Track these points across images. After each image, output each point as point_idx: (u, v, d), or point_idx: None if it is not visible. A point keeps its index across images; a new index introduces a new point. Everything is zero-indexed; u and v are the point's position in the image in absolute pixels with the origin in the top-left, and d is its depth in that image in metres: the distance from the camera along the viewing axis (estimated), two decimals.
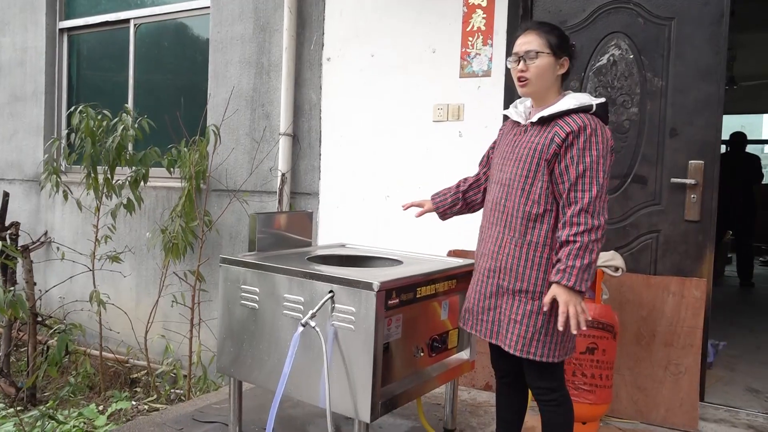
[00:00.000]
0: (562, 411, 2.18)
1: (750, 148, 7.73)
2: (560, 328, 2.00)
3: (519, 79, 2.17)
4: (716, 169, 3.20)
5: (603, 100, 2.16)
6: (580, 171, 2.01)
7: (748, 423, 3.09)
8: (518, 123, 2.26)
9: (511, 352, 2.12)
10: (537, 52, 2.12)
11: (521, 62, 2.15)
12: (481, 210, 2.41)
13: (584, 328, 2.00)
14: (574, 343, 2.19)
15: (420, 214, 2.62)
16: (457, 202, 2.51)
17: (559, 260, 2.01)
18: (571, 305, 1.97)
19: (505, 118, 2.41)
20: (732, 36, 6.96)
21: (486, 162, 2.48)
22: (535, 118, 2.15)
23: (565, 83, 3.06)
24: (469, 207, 2.53)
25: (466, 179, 2.54)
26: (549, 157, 2.07)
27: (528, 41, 2.15)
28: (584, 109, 2.09)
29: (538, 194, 2.10)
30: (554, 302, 2.02)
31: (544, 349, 2.09)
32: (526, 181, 2.12)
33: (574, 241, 1.98)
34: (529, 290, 2.10)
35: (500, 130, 2.40)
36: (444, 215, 2.57)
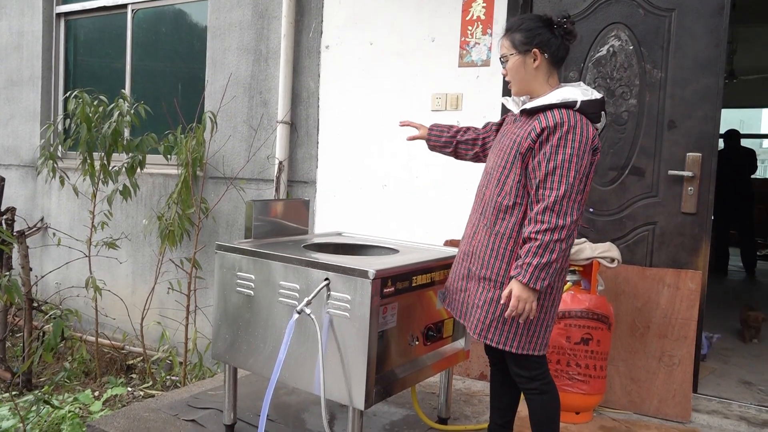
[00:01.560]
0: (544, 400, 2.20)
1: (748, 142, 7.77)
2: (506, 317, 2.06)
3: (508, 83, 2.25)
4: (714, 161, 3.20)
5: (595, 96, 2.09)
6: (551, 168, 1.99)
7: (740, 414, 3.10)
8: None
9: (471, 334, 2.21)
10: (506, 56, 2.19)
11: (503, 67, 2.23)
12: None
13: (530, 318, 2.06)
14: (544, 339, 2.16)
15: (410, 138, 2.67)
16: (448, 145, 2.57)
17: (519, 256, 2.03)
18: (521, 302, 2.01)
19: (504, 106, 2.42)
20: (732, 29, 6.94)
21: (488, 130, 2.51)
22: (518, 111, 2.19)
23: (565, 75, 3.05)
24: (456, 155, 2.58)
25: (468, 129, 2.55)
26: (523, 151, 2.07)
27: (501, 47, 2.22)
28: (567, 105, 2.04)
29: (510, 186, 2.11)
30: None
31: (501, 336, 2.13)
32: (503, 171, 2.14)
33: (535, 239, 1.98)
34: (492, 278, 2.14)
35: (505, 117, 2.39)
36: (432, 148, 2.62)
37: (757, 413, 3.13)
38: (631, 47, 3.35)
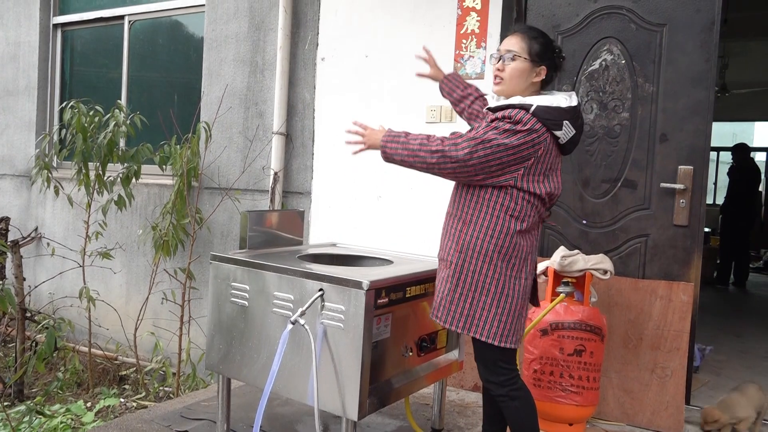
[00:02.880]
0: (516, 406, 2.22)
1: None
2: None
3: (495, 77, 2.26)
4: (705, 174, 3.23)
5: (564, 104, 2.15)
6: (476, 133, 2.12)
7: None
8: None
9: (431, 316, 2.29)
10: (515, 55, 2.20)
11: (500, 61, 2.24)
12: None
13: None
14: (493, 327, 2.16)
15: (420, 74, 2.75)
16: (456, 103, 2.63)
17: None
18: (365, 138, 2.36)
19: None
20: (724, 44, 7.03)
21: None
22: (485, 108, 2.31)
23: (558, 88, 3.07)
24: (465, 114, 2.61)
25: (476, 99, 2.58)
26: None
27: (511, 43, 2.23)
28: (523, 107, 2.12)
29: None
30: (462, 272, 2.17)
31: (447, 316, 2.21)
32: None
33: (429, 137, 2.18)
34: (444, 258, 2.25)
35: None
36: (442, 92, 2.69)
37: None
38: (624, 61, 3.39)
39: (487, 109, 2.28)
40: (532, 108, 2.10)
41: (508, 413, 2.25)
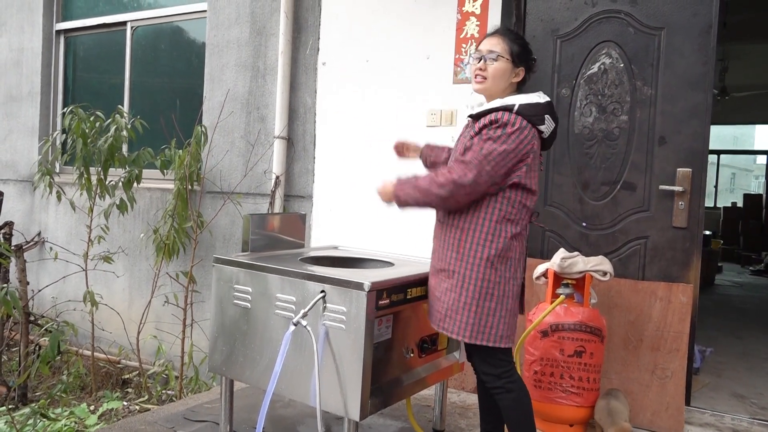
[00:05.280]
0: (511, 398, 2.25)
1: (742, 158, 7.88)
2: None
3: (476, 76, 2.31)
4: (704, 176, 3.25)
5: (542, 100, 2.24)
6: (475, 152, 2.15)
7: (732, 427, 3.13)
8: None
9: (434, 326, 2.30)
10: (498, 55, 2.26)
11: (482, 61, 2.29)
12: None
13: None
14: (499, 330, 2.21)
15: (400, 153, 2.78)
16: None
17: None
18: (382, 194, 2.30)
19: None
20: (724, 47, 7.05)
21: None
22: (467, 114, 2.34)
23: (557, 91, 3.12)
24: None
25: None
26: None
27: (493, 43, 2.29)
28: (506, 108, 2.19)
29: None
30: (466, 280, 2.20)
31: (454, 326, 2.22)
32: None
33: (436, 175, 2.19)
34: (445, 269, 2.26)
35: None
36: (426, 161, 2.72)
37: (749, 426, 3.16)
38: (622, 65, 3.42)
39: (469, 116, 2.33)
40: (516, 107, 2.18)
41: (504, 406, 2.27)
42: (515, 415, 2.27)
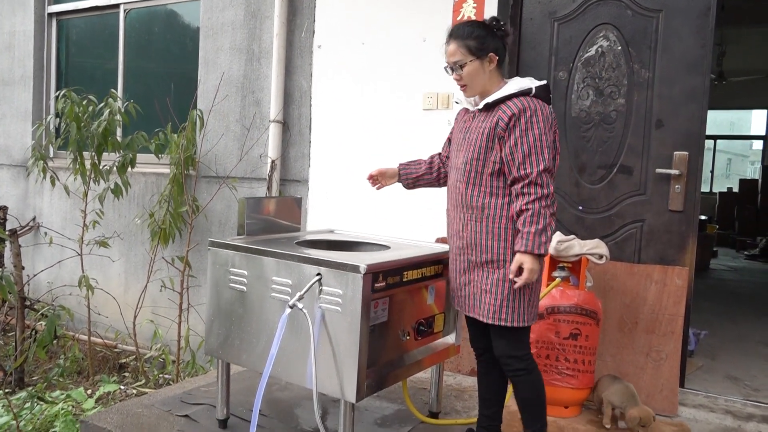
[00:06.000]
0: (532, 378, 2.30)
1: (738, 144, 7.87)
2: (515, 287, 2.20)
3: (459, 86, 2.35)
4: (700, 160, 3.25)
5: (543, 82, 2.28)
6: (526, 150, 2.16)
7: (726, 408, 3.15)
8: (469, 110, 2.42)
9: (484, 320, 2.28)
10: (461, 63, 2.28)
11: (453, 72, 2.32)
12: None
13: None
14: (535, 307, 2.32)
15: (375, 180, 2.74)
16: (427, 172, 2.67)
17: (518, 230, 2.17)
18: (532, 273, 2.15)
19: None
20: (722, 31, 7.01)
21: (448, 146, 2.62)
22: (481, 105, 2.31)
23: (555, 75, 3.10)
24: (439, 182, 2.68)
25: (439, 156, 2.66)
26: (495, 140, 2.23)
27: (452, 52, 2.30)
28: (524, 93, 2.22)
29: (489, 173, 2.26)
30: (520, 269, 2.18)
31: (513, 314, 2.24)
32: (478, 163, 2.27)
33: (527, 209, 2.15)
34: (494, 260, 2.25)
35: (455, 117, 2.53)
36: (407, 180, 2.71)
37: (742, 407, 3.18)
38: (620, 47, 3.40)
39: (485, 104, 2.29)
40: (533, 91, 2.22)
41: (524, 387, 2.31)
42: (535, 395, 2.31)
